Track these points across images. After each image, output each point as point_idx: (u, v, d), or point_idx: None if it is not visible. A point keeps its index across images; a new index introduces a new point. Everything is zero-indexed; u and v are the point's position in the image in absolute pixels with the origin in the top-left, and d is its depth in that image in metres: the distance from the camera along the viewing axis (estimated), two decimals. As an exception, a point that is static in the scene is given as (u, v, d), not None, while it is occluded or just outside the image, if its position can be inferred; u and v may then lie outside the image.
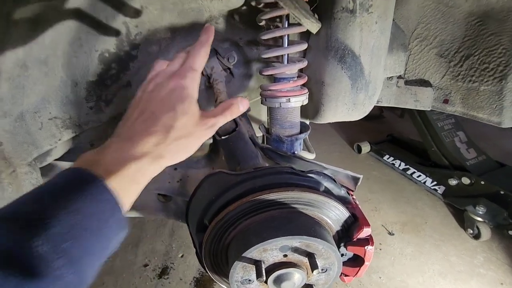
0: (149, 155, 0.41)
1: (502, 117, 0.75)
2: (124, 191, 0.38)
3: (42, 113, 0.70)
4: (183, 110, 0.45)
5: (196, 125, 0.47)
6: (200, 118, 0.47)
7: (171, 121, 0.44)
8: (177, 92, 0.46)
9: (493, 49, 0.72)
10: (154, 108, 0.45)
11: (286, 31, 0.77)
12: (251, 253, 0.61)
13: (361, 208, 0.74)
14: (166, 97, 0.46)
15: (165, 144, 0.43)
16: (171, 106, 0.45)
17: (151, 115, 0.44)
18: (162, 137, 0.43)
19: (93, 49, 0.72)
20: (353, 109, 0.89)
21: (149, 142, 0.42)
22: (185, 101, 0.46)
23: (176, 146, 0.44)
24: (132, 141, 0.41)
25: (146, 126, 0.43)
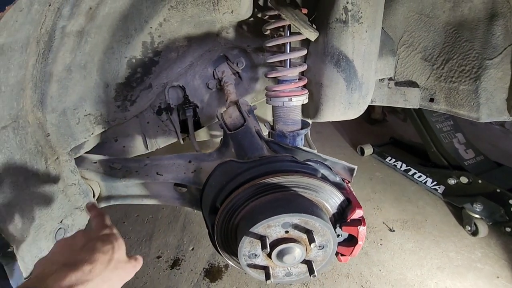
0: (91, 281, 0.44)
1: (480, 113, 0.84)
2: None
3: (79, 110, 0.83)
4: (118, 246, 0.52)
5: (126, 262, 0.53)
6: (128, 257, 0.54)
7: (111, 253, 0.50)
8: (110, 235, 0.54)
9: (468, 54, 0.82)
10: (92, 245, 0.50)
11: (288, 39, 0.88)
12: (257, 229, 0.71)
13: (354, 193, 0.84)
14: (102, 238, 0.53)
15: (107, 272, 0.47)
16: (108, 242, 0.52)
17: (92, 249, 0.49)
18: (104, 266, 0.47)
19: (123, 56, 0.85)
20: (349, 108, 0.99)
21: (93, 269, 0.46)
22: (118, 240, 0.54)
23: (115, 275, 0.49)
24: (78, 267, 0.44)
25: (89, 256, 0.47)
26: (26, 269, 0.68)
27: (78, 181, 0.85)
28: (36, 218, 0.70)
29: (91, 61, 0.79)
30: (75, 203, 0.84)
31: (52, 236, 0.76)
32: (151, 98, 0.99)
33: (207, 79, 1.10)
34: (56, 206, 0.77)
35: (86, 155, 0.99)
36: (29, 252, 0.69)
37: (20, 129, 0.64)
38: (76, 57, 0.73)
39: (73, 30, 0.66)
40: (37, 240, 0.71)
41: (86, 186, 0.87)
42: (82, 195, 0.86)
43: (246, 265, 0.79)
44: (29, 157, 0.67)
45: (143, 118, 1.08)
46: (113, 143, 1.08)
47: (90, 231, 0.56)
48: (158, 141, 1.14)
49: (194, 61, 1.02)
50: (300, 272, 0.82)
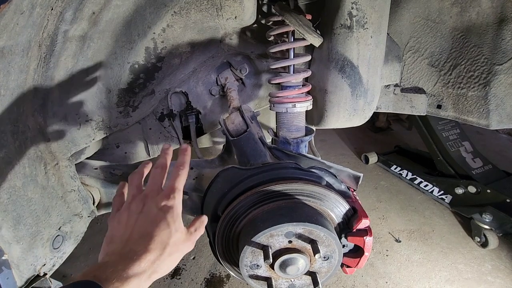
0: (147, 271, 0.45)
1: (490, 120, 0.82)
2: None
3: (81, 115, 0.82)
4: (175, 228, 0.50)
5: (184, 241, 0.52)
6: (186, 235, 0.53)
7: (166, 239, 0.49)
8: (167, 212, 0.50)
9: (476, 59, 0.80)
10: (148, 227, 0.49)
11: (292, 45, 0.87)
12: (259, 238, 0.69)
13: (360, 202, 0.81)
14: (158, 217, 0.50)
15: (160, 261, 0.48)
16: (165, 225, 0.49)
17: (147, 234, 0.48)
18: (159, 254, 0.47)
19: (125, 61, 0.84)
20: (354, 115, 0.97)
21: (148, 260, 0.46)
22: (176, 221, 0.51)
23: (169, 261, 0.49)
24: (133, 259, 0.45)
25: (144, 245, 0.47)
26: (21, 278, 0.66)
27: (78, 187, 0.83)
28: (33, 225, 0.69)
29: (93, 66, 0.79)
30: (74, 209, 0.82)
31: (49, 244, 0.74)
32: (154, 104, 0.99)
33: (210, 85, 1.09)
34: (54, 212, 0.75)
35: (87, 161, 0.98)
36: (25, 260, 0.67)
37: (19, 133, 0.63)
38: (78, 62, 0.73)
39: (76, 34, 0.66)
40: (33, 248, 0.69)
41: (86, 193, 0.86)
42: (82, 202, 0.84)
43: (247, 276, 0.76)
44: (28, 162, 0.66)
45: (145, 124, 1.07)
46: (115, 149, 1.07)
47: (146, 200, 0.52)
48: (160, 147, 1.13)
49: (197, 67, 1.02)
50: (304, 284, 0.79)
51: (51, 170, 0.74)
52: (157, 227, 0.49)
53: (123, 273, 0.42)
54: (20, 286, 0.65)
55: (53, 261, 0.76)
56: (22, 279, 0.65)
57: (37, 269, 0.71)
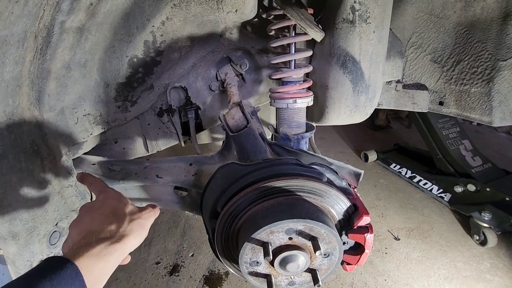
0: (112, 237, 0.50)
1: (492, 117, 0.81)
2: (92, 268, 0.45)
3: (78, 109, 0.80)
4: (124, 202, 0.58)
5: (139, 211, 0.59)
6: (140, 208, 0.60)
7: (120, 211, 0.55)
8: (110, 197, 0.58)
9: (480, 55, 0.79)
10: (99, 211, 0.54)
11: (293, 40, 0.86)
12: (259, 235, 0.68)
13: (361, 199, 0.80)
14: (104, 203, 0.56)
15: (124, 226, 0.53)
16: (113, 203, 0.56)
17: (100, 216, 0.53)
18: (119, 223, 0.53)
19: (124, 55, 0.83)
20: (355, 111, 0.96)
21: (110, 229, 0.51)
22: (120, 198, 0.59)
23: (135, 225, 0.54)
24: (93, 232, 0.49)
25: (101, 221, 0.52)
26: (17, 273, 0.65)
27: (75, 182, 0.82)
28: (29, 221, 0.67)
29: (91, 59, 0.77)
30: (71, 205, 0.81)
31: (46, 240, 0.73)
32: (152, 99, 0.97)
33: (209, 80, 1.08)
34: (51, 208, 0.74)
35: (84, 156, 0.97)
36: (21, 256, 0.66)
37: (15, 127, 0.62)
38: (75, 55, 0.71)
39: (73, 26, 0.64)
40: (30, 244, 0.68)
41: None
42: (79, 197, 0.83)
43: (247, 273, 0.75)
44: (24, 156, 0.65)
45: (144, 119, 1.06)
46: (113, 144, 1.06)
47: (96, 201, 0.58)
48: (159, 143, 1.12)
49: (197, 62, 1.00)
50: (304, 281, 0.79)
51: (48, 164, 0.72)
52: (106, 207, 0.55)
53: (85, 241, 0.47)
54: (16, 282, 0.64)
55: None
56: (18, 275, 0.64)
57: (34, 265, 0.69)
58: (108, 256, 0.47)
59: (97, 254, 0.46)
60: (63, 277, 0.40)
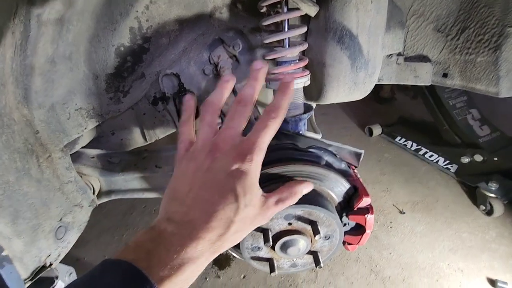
0: (205, 253, 0.39)
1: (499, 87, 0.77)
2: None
3: (69, 104, 0.79)
4: (245, 203, 0.40)
5: (255, 216, 0.42)
6: (261, 208, 0.42)
7: (232, 215, 0.39)
8: (239, 179, 0.40)
9: (487, 21, 0.73)
10: (212, 195, 0.39)
11: (285, 16, 0.81)
12: (259, 221, 0.68)
13: (361, 180, 0.79)
14: (226, 186, 0.40)
15: (222, 241, 0.40)
16: (233, 197, 0.39)
17: (210, 205, 0.39)
18: (221, 233, 0.39)
19: (110, 44, 0.79)
20: (354, 88, 0.92)
21: (208, 240, 0.38)
22: (248, 192, 0.40)
23: (233, 240, 0.41)
24: (190, 236, 0.38)
25: (206, 219, 0.38)
26: (27, 270, 0.67)
27: (75, 178, 0.82)
28: (32, 219, 0.69)
29: (77, 51, 0.75)
30: (73, 200, 0.82)
31: (52, 235, 0.75)
32: (145, 88, 0.95)
33: (203, 64, 1.04)
34: (53, 205, 0.75)
35: (83, 150, 0.97)
36: (28, 253, 0.68)
37: (5, 127, 0.61)
38: (58, 48, 0.69)
39: (51, 18, 0.61)
40: (35, 241, 0.70)
41: (83, 183, 0.86)
42: (80, 192, 0.84)
43: (249, 258, 0.77)
44: (18, 156, 0.65)
45: (138, 109, 1.04)
46: (110, 136, 1.05)
47: (216, 154, 0.41)
48: (157, 132, 1.10)
49: (187, 46, 0.96)
50: (306, 263, 0.80)
51: (44, 162, 0.72)
52: (222, 199, 0.39)
53: (177, 256, 0.36)
54: (26, 278, 0.66)
55: (58, 251, 0.77)
56: (27, 271, 0.67)
57: (42, 260, 0.72)
58: (193, 278, 0.38)
59: (184, 278, 0.36)
60: None
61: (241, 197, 0.40)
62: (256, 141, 0.42)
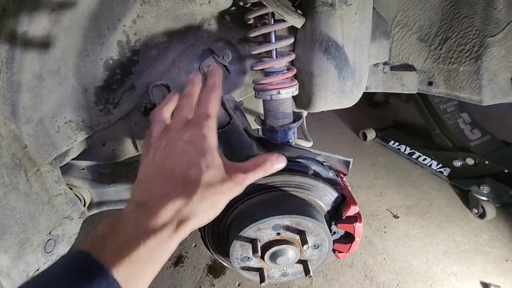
0: (170, 224, 0.35)
1: (482, 96, 0.78)
2: (140, 274, 0.33)
3: (59, 117, 0.79)
4: (206, 163, 0.38)
5: (222, 181, 0.40)
6: (227, 172, 0.41)
7: (195, 177, 0.37)
8: (196, 143, 0.39)
9: (468, 31, 0.75)
10: (171, 164, 0.38)
11: (272, 28, 0.82)
12: (247, 233, 0.69)
13: (349, 188, 0.80)
14: (184, 150, 0.39)
15: (189, 207, 0.36)
16: (192, 159, 0.38)
17: (170, 174, 0.37)
18: (186, 200, 0.36)
19: (98, 58, 0.80)
20: (342, 97, 0.94)
21: (171, 209, 0.35)
22: (207, 153, 0.39)
23: (202, 206, 0.38)
24: (149, 210, 0.35)
25: (166, 189, 0.36)
26: (14, 285, 0.67)
27: (64, 190, 0.82)
28: (20, 233, 0.68)
29: (65, 65, 0.75)
30: (63, 213, 0.82)
31: (40, 249, 0.75)
32: (135, 99, 0.95)
33: (193, 74, 1.05)
34: (42, 218, 0.75)
35: (73, 162, 0.96)
36: (16, 268, 0.67)
37: (-8, 143, 0.61)
38: (46, 63, 0.69)
39: (37, 34, 0.62)
40: (23, 255, 0.69)
41: (73, 195, 0.85)
42: (70, 205, 0.84)
43: (239, 268, 0.77)
44: (6, 171, 0.65)
45: (130, 120, 1.05)
46: (101, 147, 1.05)
47: (170, 133, 0.41)
48: (148, 142, 1.11)
49: (177, 57, 0.97)
50: (297, 272, 0.80)
51: (33, 176, 0.72)
52: (181, 163, 0.38)
53: (134, 232, 0.33)
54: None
55: (47, 264, 0.77)
56: (14, 286, 0.66)
57: (30, 275, 0.71)
58: (159, 256, 0.35)
59: (146, 257, 0.33)
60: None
61: (201, 158, 0.38)
62: (204, 111, 0.43)
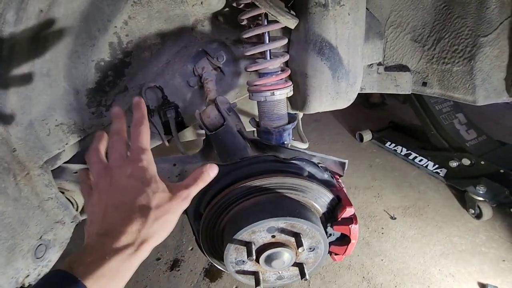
0: (132, 245, 0.40)
1: (476, 96, 0.78)
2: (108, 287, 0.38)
3: (49, 120, 0.78)
4: (152, 190, 0.44)
5: (170, 200, 0.46)
6: (171, 192, 0.47)
7: (146, 203, 0.43)
8: (139, 176, 0.45)
9: (460, 31, 0.75)
10: (121, 197, 0.43)
11: (265, 29, 0.82)
12: (241, 235, 0.67)
13: (345, 190, 0.79)
14: (129, 184, 0.44)
15: (147, 228, 0.42)
16: (139, 190, 0.44)
17: (122, 205, 0.43)
18: (142, 221, 0.42)
19: (89, 60, 0.79)
20: (337, 98, 0.93)
21: (130, 231, 0.41)
22: (151, 182, 0.45)
23: (158, 226, 0.43)
24: (111, 235, 0.40)
25: (122, 216, 0.42)
26: (2, 293, 0.65)
27: (55, 194, 0.81)
28: (9, 239, 0.67)
29: (55, 67, 0.74)
30: (54, 217, 0.80)
31: (30, 254, 0.73)
32: (128, 101, 0.94)
33: (187, 76, 1.04)
34: (32, 223, 0.73)
35: (66, 165, 0.95)
36: (4, 275, 0.66)
37: (-22, 147, 0.60)
38: (35, 65, 0.68)
39: (25, 36, 0.61)
40: (12, 261, 0.68)
41: (65, 199, 0.84)
42: (62, 209, 0.82)
43: (234, 272, 0.76)
44: (-7, 175, 0.64)
45: (123, 122, 1.03)
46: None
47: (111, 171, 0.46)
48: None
49: (170, 58, 0.96)
50: (292, 275, 0.79)
51: (22, 180, 0.71)
52: (130, 195, 0.44)
53: (100, 253, 0.38)
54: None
55: (37, 270, 0.75)
56: (3, 293, 0.65)
57: (20, 281, 0.70)
58: (124, 272, 0.40)
59: (112, 272, 0.38)
60: None
61: (146, 187, 0.45)
62: (137, 145, 0.48)
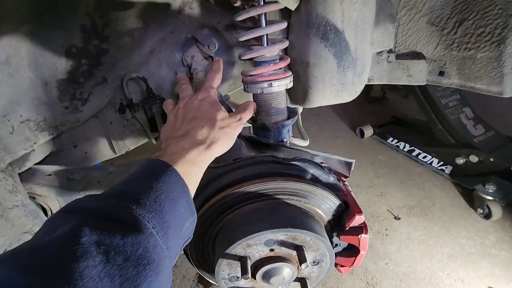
0: (204, 142, 0.52)
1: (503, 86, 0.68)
2: (189, 173, 0.47)
3: (12, 116, 0.68)
4: (217, 108, 0.59)
5: (229, 119, 0.60)
6: (230, 114, 0.62)
7: (213, 115, 0.57)
8: (207, 100, 0.60)
9: (488, 11, 0.64)
10: (193, 113, 0.57)
11: (261, 10, 0.71)
12: (234, 250, 0.58)
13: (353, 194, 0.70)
14: (200, 104, 0.59)
15: (214, 132, 0.55)
16: (208, 107, 0.58)
17: (194, 118, 0.56)
18: (210, 128, 0.55)
19: (58, 46, 0.68)
20: (342, 90, 0.83)
21: (202, 134, 0.53)
22: (215, 104, 0.60)
23: (222, 133, 0.56)
24: (188, 136, 0.52)
25: (194, 124, 0.55)
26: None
27: (22, 201, 0.71)
28: (-38, 255, 0.57)
29: (16, 54, 0.64)
30: (21, 227, 0.70)
31: (-8, 270, 0.64)
32: (108, 94, 0.84)
33: (175, 66, 0.93)
34: (-7, 235, 0.64)
35: (37, 167, 0.85)
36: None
37: None
38: (-9, 51, 0.57)
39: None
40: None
41: (35, 207, 0.74)
42: (31, 217, 0.72)
43: (227, 289, 0.66)
44: None
45: (104, 118, 0.93)
46: (72, 149, 0.93)
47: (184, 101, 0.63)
48: (126, 142, 0.99)
49: (155, 46, 0.85)
50: (293, 291, 0.70)
51: (-21, 186, 0.61)
52: (201, 111, 0.57)
53: (180, 147, 0.49)
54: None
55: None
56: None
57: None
58: (200, 162, 0.51)
59: (192, 160, 0.49)
60: (168, 181, 0.43)
61: (213, 106, 0.60)
62: (209, 84, 0.67)
